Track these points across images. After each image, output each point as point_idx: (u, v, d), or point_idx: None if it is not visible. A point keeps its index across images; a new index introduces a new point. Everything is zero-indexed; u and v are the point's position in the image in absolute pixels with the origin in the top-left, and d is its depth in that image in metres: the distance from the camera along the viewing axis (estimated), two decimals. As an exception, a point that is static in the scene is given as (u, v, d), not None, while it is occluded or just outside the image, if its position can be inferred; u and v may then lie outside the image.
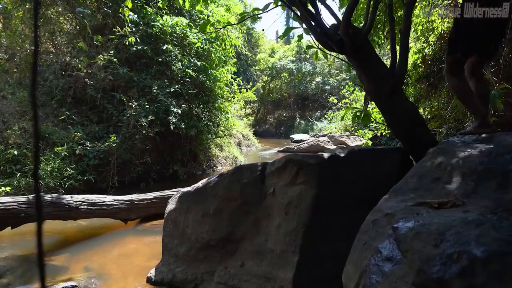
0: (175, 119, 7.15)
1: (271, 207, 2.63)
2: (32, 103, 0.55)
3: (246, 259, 2.67)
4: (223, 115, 9.55)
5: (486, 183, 1.53)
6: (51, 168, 5.63)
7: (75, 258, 3.58)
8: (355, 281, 1.40)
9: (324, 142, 13.48)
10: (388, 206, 1.58)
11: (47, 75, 7.08)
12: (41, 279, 0.61)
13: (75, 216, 4.25)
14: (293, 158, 2.58)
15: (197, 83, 8.24)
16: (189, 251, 2.96)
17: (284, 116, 26.41)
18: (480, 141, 1.90)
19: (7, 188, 5.04)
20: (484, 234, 1.12)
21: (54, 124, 6.52)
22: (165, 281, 2.98)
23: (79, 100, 7.25)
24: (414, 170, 1.90)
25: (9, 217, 3.76)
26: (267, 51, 27.06)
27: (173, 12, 8.88)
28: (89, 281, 3.07)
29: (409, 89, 7.10)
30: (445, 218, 1.29)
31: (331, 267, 2.24)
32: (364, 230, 1.56)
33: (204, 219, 2.92)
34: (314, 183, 2.42)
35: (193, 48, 8.24)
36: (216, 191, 2.92)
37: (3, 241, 3.91)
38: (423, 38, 6.98)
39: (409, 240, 1.27)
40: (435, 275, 1.09)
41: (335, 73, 25.25)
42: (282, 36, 3.77)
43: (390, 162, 2.66)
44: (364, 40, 2.66)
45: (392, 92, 2.62)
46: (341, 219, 2.37)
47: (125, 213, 4.59)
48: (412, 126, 2.68)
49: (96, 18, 7.52)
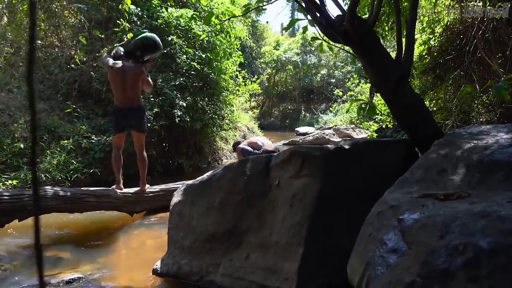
0: (180, 112, 7.15)
1: (276, 199, 2.63)
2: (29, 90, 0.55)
3: (251, 251, 2.67)
4: (228, 108, 9.53)
5: (492, 174, 1.51)
6: (57, 161, 5.66)
7: (81, 251, 3.61)
8: (360, 273, 1.40)
9: (329, 135, 13.44)
10: (393, 198, 1.58)
11: (52, 68, 7.09)
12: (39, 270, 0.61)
13: (81, 208, 4.28)
14: (298, 150, 2.58)
15: (202, 75, 8.21)
16: (194, 243, 2.97)
17: (289, 109, 26.36)
18: (486, 133, 1.89)
19: (14, 181, 5.07)
20: (490, 226, 1.12)
21: (60, 118, 6.55)
22: (170, 272, 3.00)
23: (84, 94, 7.27)
24: (420, 162, 1.89)
25: (16, 210, 3.79)
26: (272, 44, 26.95)
27: (178, 4, 8.84)
28: (95, 273, 3.09)
29: (415, 81, 7.04)
30: (450, 209, 1.29)
31: (336, 259, 2.24)
32: (369, 222, 1.56)
33: (209, 211, 2.93)
34: (319, 175, 2.41)
35: (197, 40, 8.21)
36: (221, 184, 2.93)
37: (10, 233, 3.95)
38: (429, 29, 6.91)
39: (414, 231, 1.26)
40: (440, 266, 1.09)
41: (340, 65, 25.10)
42: (287, 28, 3.75)
43: (395, 154, 2.65)
44: (370, 32, 2.64)
45: (397, 84, 2.60)
46: (346, 211, 2.37)
47: (130, 206, 4.61)
48: (417, 118, 2.66)
49: (101, 11, 7.50)
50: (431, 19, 6.63)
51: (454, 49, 5.90)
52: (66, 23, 8.20)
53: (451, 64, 5.93)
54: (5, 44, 7.45)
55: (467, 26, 5.48)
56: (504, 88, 2.43)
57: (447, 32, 6.35)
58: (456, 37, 6.10)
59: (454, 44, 6.05)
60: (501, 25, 4.83)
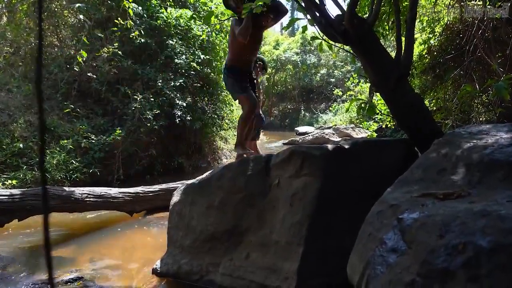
0: (180, 112, 7.15)
1: (276, 199, 2.63)
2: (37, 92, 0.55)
3: (251, 251, 2.67)
4: (227, 107, 9.53)
5: (492, 174, 1.51)
6: (57, 161, 5.65)
7: (81, 250, 3.62)
8: (360, 272, 1.40)
9: (329, 135, 13.42)
10: (393, 197, 1.58)
11: (52, 68, 7.09)
12: (49, 270, 0.61)
13: (81, 208, 4.28)
14: (298, 149, 2.58)
15: (202, 75, 8.21)
16: (194, 243, 2.97)
17: (288, 108, 26.32)
18: (486, 132, 1.88)
19: (14, 181, 5.07)
20: (490, 225, 1.12)
21: (59, 117, 6.54)
22: (170, 272, 2.99)
23: (84, 93, 7.26)
24: (419, 161, 1.89)
25: (16, 210, 3.79)
26: (271, 43, 26.88)
27: (177, 4, 8.84)
28: (95, 272, 3.09)
29: (415, 80, 7.03)
30: (450, 209, 1.29)
31: (336, 259, 2.24)
32: (369, 221, 1.56)
33: (209, 211, 2.93)
34: (319, 175, 2.42)
35: (197, 40, 8.20)
36: (221, 183, 2.93)
37: (10, 233, 3.95)
38: (428, 28, 6.90)
39: (414, 231, 1.26)
40: (440, 266, 1.09)
41: (340, 65, 25.06)
42: (286, 28, 3.74)
43: (395, 153, 2.65)
44: (369, 31, 2.64)
45: (397, 84, 2.60)
46: (346, 210, 2.37)
47: (130, 206, 4.61)
48: (417, 118, 2.66)
49: (100, 11, 7.50)
50: (431, 18, 6.63)
51: (454, 49, 5.89)
52: (65, 23, 8.19)
53: (451, 63, 5.92)
54: (5, 44, 7.45)
55: (467, 26, 5.47)
56: (504, 88, 2.43)
57: (447, 31, 6.34)
58: (456, 37, 6.10)
59: (454, 43, 6.05)
60: (501, 24, 4.83)
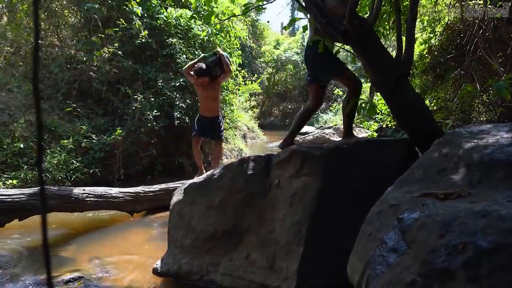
0: (180, 114, 7.15)
1: (276, 199, 2.63)
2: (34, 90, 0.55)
3: (251, 250, 2.68)
4: (228, 107, 9.52)
5: (492, 174, 1.51)
6: (57, 161, 5.65)
7: (82, 250, 3.61)
8: (360, 272, 1.40)
9: (329, 134, 13.40)
10: (393, 197, 1.58)
11: (52, 68, 7.08)
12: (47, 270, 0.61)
13: (82, 208, 4.28)
14: (298, 149, 2.58)
15: (202, 75, 8.19)
16: (194, 242, 2.97)
17: (289, 108, 26.30)
18: (487, 132, 1.88)
19: (14, 181, 5.07)
20: (490, 225, 1.11)
21: (60, 117, 6.54)
22: (171, 272, 3.00)
23: (84, 93, 7.26)
24: (420, 161, 1.89)
25: (16, 209, 3.79)
26: (272, 43, 26.86)
27: (177, 4, 8.83)
28: (95, 272, 3.09)
29: (415, 80, 7.02)
30: (450, 209, 1.29)
31: (336, 258, 2.24)
32: (369, 221, 1.56)
33: (209, 211, 2.93)
34: (319, 175, 2.42)
35: (197, 40, 8.20)
36: (221, 183, 2.93)
37: (10, 233, 3.95)
38: (429, 28, 6.89)
39: (414, 231, 1.26)
40: (440, 265, 1.09)
41: (340, 65, 25.02)
42: (287, 27, 3.75)
43: (395, 153, 2.65)
44: (370, 31, 2.64)
45: (397, 84, 2.60)
46: (346, 210, 2.37)
47: (131, 205, 4.61)
48: (417, 118, 2.66)
49: (101, 10, 7.50)
50: (432, 18, 6.62)
51: (455, 48, 5.88)
52: (66, 23, 8.19)
53: (452, 63, 5.91)
54: (5, 43, 7.45)
55: (467, 25, 5.46)
56: (505, 87, 2.43)
57: (448, 31, 6.33)
58: (456, 36, 6.08)
59: (455, 43, 6.04)
60: (501, 24, 4.82)
